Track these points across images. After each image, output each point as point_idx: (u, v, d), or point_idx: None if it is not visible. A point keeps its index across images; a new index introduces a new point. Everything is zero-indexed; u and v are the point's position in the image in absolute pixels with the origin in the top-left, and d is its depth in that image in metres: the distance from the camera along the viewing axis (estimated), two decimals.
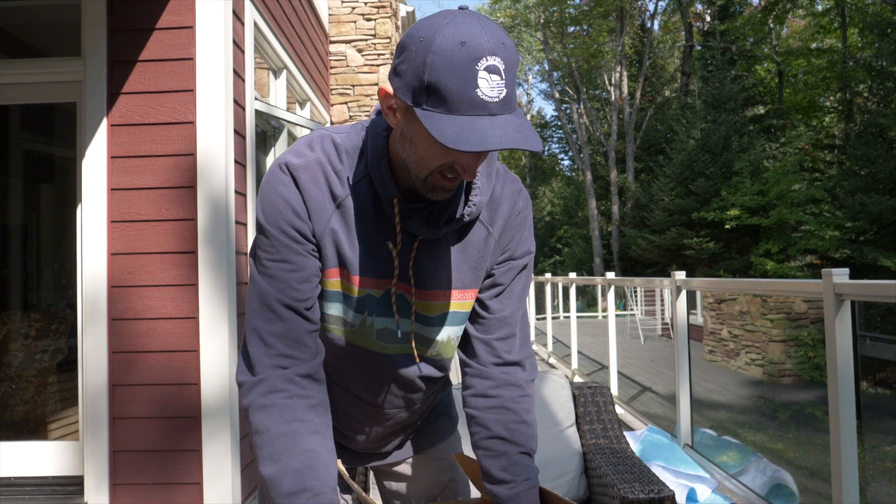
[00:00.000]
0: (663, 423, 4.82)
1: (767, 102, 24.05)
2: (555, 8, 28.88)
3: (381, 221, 1.04)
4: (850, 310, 2.23)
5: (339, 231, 1.03)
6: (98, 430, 2.81)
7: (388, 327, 1.09)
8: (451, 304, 1.10)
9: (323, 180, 1.02)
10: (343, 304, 1.07)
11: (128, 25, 2.88)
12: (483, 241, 1.10)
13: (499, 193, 1.11)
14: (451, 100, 0.85)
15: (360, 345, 1.10)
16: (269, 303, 1.01)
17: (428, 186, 0.97)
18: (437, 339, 1.12)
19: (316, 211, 1.01)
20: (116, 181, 2.86)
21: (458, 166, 0.93)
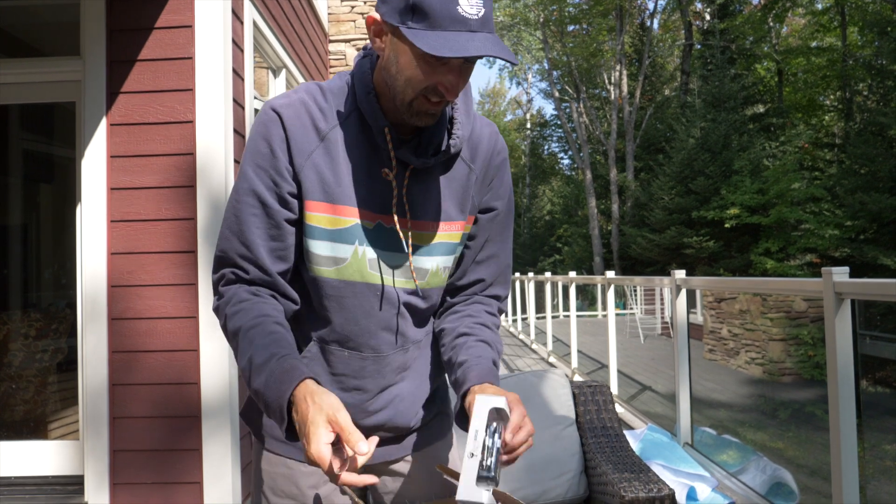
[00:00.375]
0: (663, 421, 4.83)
1: (767, 101, 24.06)
2: (554, 7, 28.89)
3: (372, 153, 1.10)
4: (850, 309, 2.23)
5: (322, 164, 1.07)
6: (98, 429, 2.81)
7: (380, 258, 1.12)
8: (440, 236, 1.15)
9: (307, 117, 1.08)
10: (328, 241, 1.09)
11: (127, 25, 2.88)
12: (465, 177, 1.16)
13: (478, 133, 1.18)
14: (434, 16, 0.93)
15: (357, 280, 1.11)
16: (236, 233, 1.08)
17: (413, 111, 1.02)
18: (427, 268, 1.15)
19: (297, 146, 1.06)
20: (116, 181, 2.86)
21: (441, 87, 0.99)
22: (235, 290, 1.08)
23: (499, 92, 50.84)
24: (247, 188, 1.07)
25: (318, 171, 1.07)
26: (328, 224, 1.08)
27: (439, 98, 1.00)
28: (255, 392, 0.97)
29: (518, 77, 41.16)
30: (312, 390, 0.92)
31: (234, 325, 1.04)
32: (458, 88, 1.00)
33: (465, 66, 1.00)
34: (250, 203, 1.07)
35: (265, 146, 1.06)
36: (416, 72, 0.98)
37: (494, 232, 1.23)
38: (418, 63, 0.97)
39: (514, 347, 11.70)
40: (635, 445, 3.60)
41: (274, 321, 1.03)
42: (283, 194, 1.07)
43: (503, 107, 50.15)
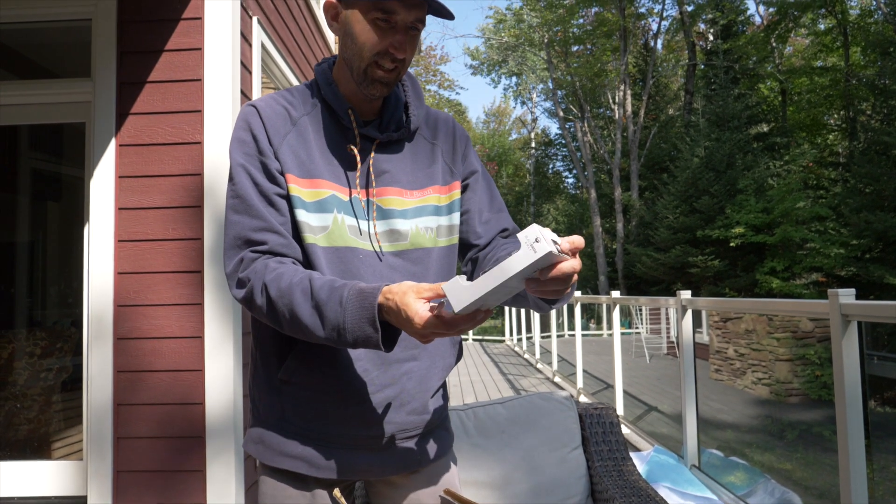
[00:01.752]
0: (670, 443, 4.79)
1: (771, 120, 24.14)
2: (558, 28, 29.10)
3: (339, 133, 1.23)
4: (857, 330, 2.22)
5: (296, 144, 1.19)
6: (102, 449, 2.80)
7: (359, 224, 1.21)
8: (412, 202, 1.25)
9: (280, 107, 1.22)
10: (312, 212, 1.17)
11: (137, 47, 2.91)
12: (430, 150, 1.31)
13: (434, 116, 1.35)
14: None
15: (340, 245, 1.19)
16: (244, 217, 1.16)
17: (368, 79, 1.16)
18: (405, 230, 1.24)
19: (274, 130, 1.19)
20: (124, 200, 2.87)
21: (391, 48, 1.12)
22: (264, 263, 1.12)
23: (503, 111, 51.07)
24: (241, 172, 1.17)
25: (293, 150, 1.19)
26: (309, 196, 1.18)
27: (391, 63, 1.14)
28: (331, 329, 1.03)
29: (523, 96, 41.38)
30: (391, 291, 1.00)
31: (279, 286, 1.07)
32: (405, 45, 1.13)
33: (410, 32, 1.14)
34: (247, 183, 1.17)
35: (248, 135, 1.19)
36: (368, 35, 1.13)
37: (485, 190, 1.37)
38: (369, 27, 1.12)
39: (519, 367, 11.65)
40: (642, 468, 3.58)
41: (318, 273, 1.11)
42: (271, 172, 1.17)
43: (508, 126, 50.36)
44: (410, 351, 1.23)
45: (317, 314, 1.04)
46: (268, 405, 1.24)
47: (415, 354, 1.23)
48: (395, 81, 1.19)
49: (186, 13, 2.90)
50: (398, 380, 1.22)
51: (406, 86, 1.32)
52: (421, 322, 0.95)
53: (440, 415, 1.31)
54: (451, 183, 1.31)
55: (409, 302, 0.97)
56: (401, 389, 1.22)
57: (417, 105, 1.30)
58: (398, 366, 1.21)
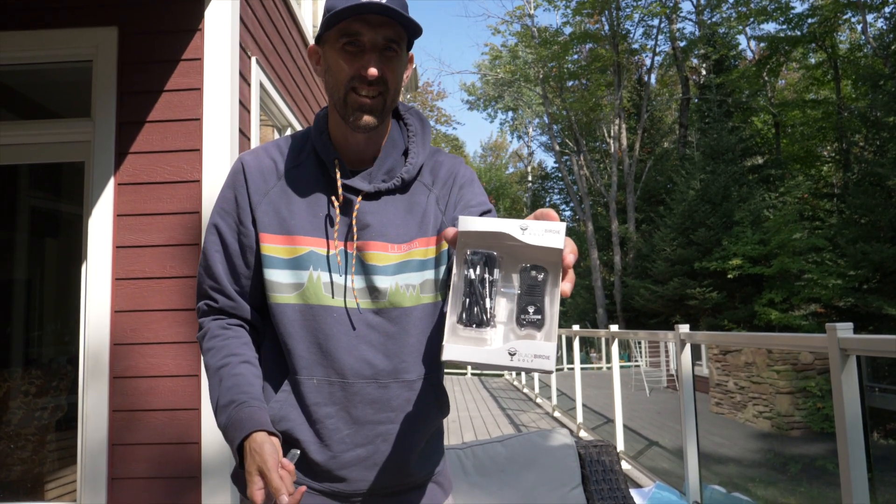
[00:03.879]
0: (671, 478, 4.73)
1: (765, 153, 24.38)
2: (553, 63, 29.53)
3: (327, 185, 1.20)
4: (856, 364, 2.22)
5: (278, 200, 1.19)
6: (96, 490, 2.76)
7: (335, 281, 1.17)
8: (396, 256, 1.19)
9: (269, 162, 1.22)
10: (286, 269, 1.17)
11: (137, 87, 2.95)
12: (425, 198, 1.24)
13: (439, 161, 1.28)
14: (337, 3, 1.09)
15: (314, 303, 1.16)
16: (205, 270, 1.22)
17: (350, 109, 1.13)
18: (384, 288, 1.18)
19: (256, 187, 1.19)
20: (122, 239, 2.88)
21: (362, 70, 1.10)
22: (209, 325, 1.22)
23: (500, 146, 51.50)
24: (211, 230, 1.22)
25: (274, 206, 1.19)
26: (285, 254, 1.17)
27: (367, 87, 1.11)
28: (220, 428, 1.12)
29: (519, 131, 41.79)
30: (255, 443, 1.05)
31: (206, 361, 1.19)
32: (375, 66, 1.10)
33: (385, 54, 1.12)
34: (214, 243, 1.21)
35: (230, 192, 1.21)
36: (340, 64, 1.12)
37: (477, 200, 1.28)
38: (339, 56, 1.11)
39: (519, 402, 11.55)
40: None
41: (241, 360, 1.17)
42: (244, 231, 1.20)
43: (505, 160, 50.75)
44: (386, 413, 1.18)
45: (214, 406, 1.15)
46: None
47: (391, 417, 1.18)
48: (380, 109, 1.14)
49: (186, 54, 2.95)
50: (372, 440, 1.17)
51: (411, 128, 1.27)
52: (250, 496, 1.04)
53: (427, 472, 1.27)
54: (442, 232, 1.20)
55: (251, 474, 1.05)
56: (374, 450, 1.18)
57: (420, 150, 1.24)
58: (371, 427, 1.17)
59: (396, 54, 1.13)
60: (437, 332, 1.22)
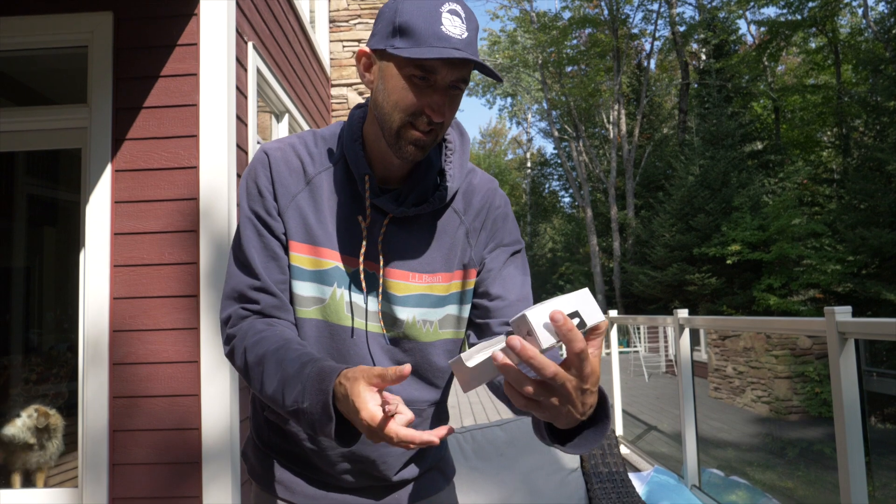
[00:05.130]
0: (670, 463, 4.76)
1: (765, 138, 24.29)
2: (552, 49, 29.37)
3: (354, 200, 1.11)
4: (854, 348, 2.22)
5: (305, 207, 1.10)
6: (98, 476, 2.77)
7: (355, 301, 1.11)
8: (417, 287, 1.13)
9: (296, 160, 1.12)
10: (310, 282, 1.10)
11: (133, 73, 2.93)
12: (455, 228, 1.15)
13: (474, 185, 1.19)
14: (419, 34, 0.96)
15: (334, 321, 1.11)
16: (242, 270, 1.10)
17: (402, 142, 1.03)
18: (401, 319, 1.13)
19: (282, 188, 1.10)
20: (119, 226, 2.88)
21: (427, 109, 1.00)
22: (251, 323, 1.08)
23: (499, 132, 51.39)
24: (247, 224, 1.11)
25: (301, 213, 1.10)
26: (310, 265, 1.10)
27: (426, 125, 1.01)
28: (291, 408, 0.94)
29: (518, 117, 41.66)
30: (346, 377, 0.88)
31: (257, 352, 1.02)
32: (443, 108, 1.00)
33: (451, 91, 1.01)
34: (251, 237, 1.10)
35: (254, 187, 1.11)
36: (403, 94, 1.00)
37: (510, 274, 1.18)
38: (405, 85, 1.00)
39: None
40: (642, 489, 3.55)
41: (298, 343, 1.03)
42: (275, 232, 1.10)
43: (504, 146, 50.64)
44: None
45: (280, 388, 0.96)
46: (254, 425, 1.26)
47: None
48: (431, 144, 1.05)
49: (182, 39, 2.93)
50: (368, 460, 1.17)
51: (450, 146, 1.16)
52: (369, 417, 0.82)
53: (426, 465, 1.27)
54: (468, 269, 1.16)
55: (360, 391, 0.84)
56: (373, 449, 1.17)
57: (457, 174, 1.14)
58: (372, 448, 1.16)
59: (461, 91, 1.03)
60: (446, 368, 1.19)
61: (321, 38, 6.38)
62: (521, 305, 1.16)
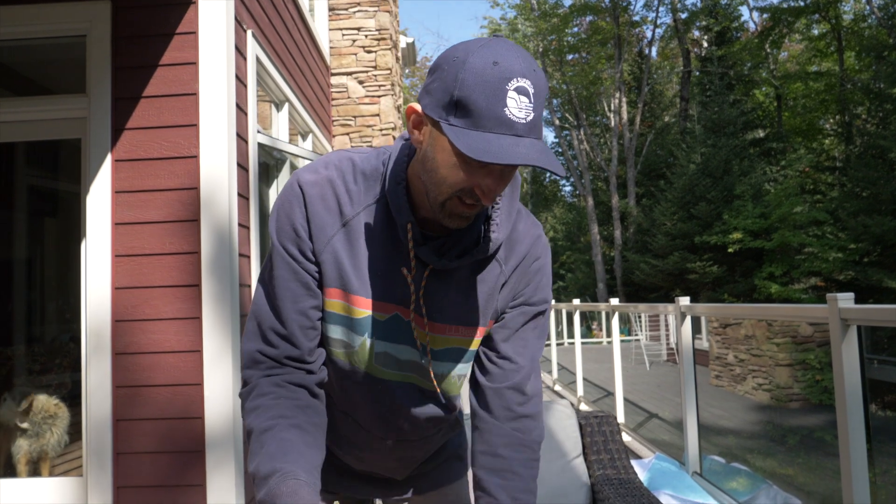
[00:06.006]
0: (671, 450, 4.77)
1: (767, 126, 24.21)
2: (553, 37, 29.23)
3: (393, 246, 1.03)
4: (857, 334, 2.22)
5: (341, 251, 1.03)
6: (102, 465, 2.79)
7: (387, 352, 1.07)
8: (456, 340, 1.08)
9: (332, 198, 1.03)
10: (342, 326, 1.06)
11: (132, 62, 2.92)
12: (495, 278, 1.08)
13: (520, 233, 1.10)
14: (479, 115, 0.85)
15: (361, 368, 1.08)
16: (270, 308, 1.04)
17: (446, 212, 0.95)
18: (438, 374, 1.09)
19: (318, 229, 1.02)
20: (120, 216, 2.87)
21: (478, 190, 0.91)
22: (258, 381, 1.04)
23: None
24: (279, 261, 1.04)
25: (336, 257, 1.03)
26: (342, 311, 1.05)
27: (474, 201, 0.93)
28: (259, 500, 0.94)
29: None
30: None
31: (249, 423, 1.01)
32: (495, 193, 0.93)
33: (506, 170, 0.92)
34: (285, 276, 1.04)
35: (288, 224, 1.03)
36: (454, 171, 0.91)
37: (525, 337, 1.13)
38: (457, 162, 0.90)
39: None
40: (643, 475, 3.56)
41: (290, 424, 0.99)
42: (310, 271, 1.04)
43: None
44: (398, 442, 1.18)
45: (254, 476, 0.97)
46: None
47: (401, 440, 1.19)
48: (475, 216, 0.99)
49: (180, 28, 2.91)
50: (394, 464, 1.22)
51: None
52: None
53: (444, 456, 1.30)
54: (492, 319, 1.12)
55: None
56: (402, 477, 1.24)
57: (504, 223, 1.05)
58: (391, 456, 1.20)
59: (514, 168, 0.93)
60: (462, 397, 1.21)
61: (320, 27, 6.35)
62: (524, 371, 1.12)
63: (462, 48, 0.89)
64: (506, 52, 0.87)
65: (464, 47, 0.89)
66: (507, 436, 1.10)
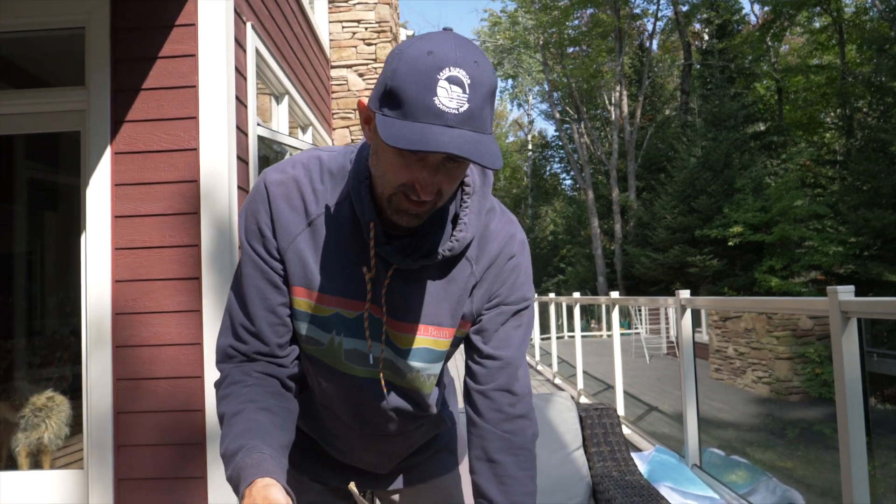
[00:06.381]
0: (671, 442, 4.78)
1: (767, 119, 24.17)
2: (553, 30, 29.14)
3: (358, 244, 1.03)
4: (857, 327, 2.22)
5: (305, 250, 1.03)
6: (103, 457, 2.79)
7: (357, 349, 1.07)
8: (422, 340, 1.07)
9: (297, 197, 1.03)
10: (310, 324, 1.06)
11: (131, 54, 2.91)
12: (465, 278, 1.06)
13: (492, 231, 1.08)
14: (408, 105, 0.84)
15: (332, 365, 1.09)
16: (239, 305, 1.06)
17: (393, 208, 0.94)
18: (404, 372, 1.09)
19: (283, 228, 1.03)
20: (120, 208, 2.87)
21: (417, 185, 0.89)
22: (229, 371, 1.06)
23: (500, 114, 51.16)
24: (247, 259, 1.06)
25: (300, 256, 1.03)
26: (308, 309, 1.06)
27: (417, 198, 0.91)
28: (228, 481, 0.93)
29: (519, 99, 41.44)
30: (257, 485, 0.86)
31: (220, 410, 1.02)
32: (432, 188, 0.90)
33: (447, 164, 0.90)
34: (251, 274, 1.05)
35: (253, 224, 1.04)
36: (393, 166, 0.90)
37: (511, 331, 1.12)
38: (393, 153, 0.89)
39: None
40: (643, 468, 3.57)
41: (259, 407, 0.99)
42: (277, 269, 1.05)
43: (505, 129, 50.44)
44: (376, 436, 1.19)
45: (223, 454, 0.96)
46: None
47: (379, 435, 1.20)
48: (427, 213, 0.96)
49: (180, 20, 2.90)
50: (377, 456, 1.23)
51: (468, 189, 1.04)
52: None
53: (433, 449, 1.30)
54: (467, 321, 1.11)
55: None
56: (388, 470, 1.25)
57: (473, 222, 1.03)
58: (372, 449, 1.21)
59: (461, 164, 0.91)
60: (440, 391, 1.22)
61: (320, 19, 6.34)
62: (510, 370, 1.11)
63: (407, 42, 0.88)
64: (443, 43, 0.85)
65: (409, 41, 0.88)
66: (501, 440, 1.10)
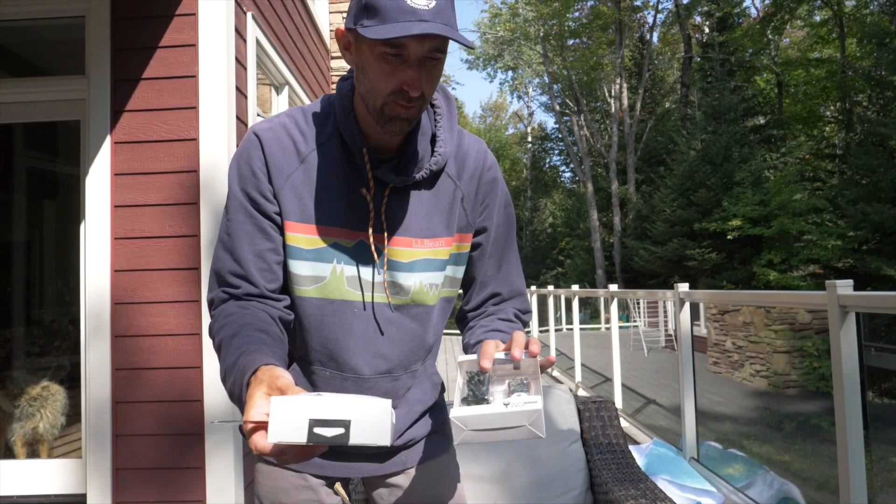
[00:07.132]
0: (668, 435, 4.80)
1: (767, 113, 24.12)
2: (554, 21, 29.06)
3: (352, 173, 1.12)
4: (855, 321, 2.22)
5: (301, 185, 1.10)
6: (101, 447, 2.80)
7: (358, 274, 1.13)
8: (421, 252, 1.15)
9: (287, 140, 1.11)
10: (308, 260, 1.11)
11: (131, 44, 2.90)
12: (451, 193, 1.17)
13: (465, 148, 1.20)
14: (384, 10, 0.95)
15: (333, 297, 1.13)
16: (227, 253, 1.10)
17: (386, 117, 1.03)
18: (408, 285, 1.15)
19: (276, 169, 1.09)
20: (120, 198, 2.87)
21: (404, 85, 0.99)
22: (224, 307, 1.09)
23: (500, 106, 51.05)
24: (236, 209, 1.10)
25: (296, 192, 1.10)
26: (307, 244, 1.11)
27: (407, 101, 1.01)
28: (229, 394, 0.95)
29: (519, 91, 41.35)
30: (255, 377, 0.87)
31: (218, 338, 1.04)
32: (419, 84, 1.00)
33: (427, 63, 1.00)
34: (239, 222, 1.10)
35: (247, 169, 1.10)
36: (379, 73, 1.00)
37: (496, 248, 1.25)
38: (378, 63, 0.99)
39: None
40: (641, 460, 3.58)
41: (255, 328, 1.02)
42: (268, 213, 1.10)
43: (505, 121, 50.35)
44: (394, 402, 1.20)
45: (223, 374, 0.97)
46: None
47: (397, 404, 1.21)
48: (416, 117, 1.05)
49: (180, 9, 2.89)
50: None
51: (439, 110, 1.17)
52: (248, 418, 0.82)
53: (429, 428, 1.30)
54: (465, 233, 1.20)
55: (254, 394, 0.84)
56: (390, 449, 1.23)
57: (448, 138, 1.16)
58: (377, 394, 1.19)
59: (438, 62, 1.02)
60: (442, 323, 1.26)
61: (321, 10, 6.31)
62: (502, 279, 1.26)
63: None
64: None
65: None
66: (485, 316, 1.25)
